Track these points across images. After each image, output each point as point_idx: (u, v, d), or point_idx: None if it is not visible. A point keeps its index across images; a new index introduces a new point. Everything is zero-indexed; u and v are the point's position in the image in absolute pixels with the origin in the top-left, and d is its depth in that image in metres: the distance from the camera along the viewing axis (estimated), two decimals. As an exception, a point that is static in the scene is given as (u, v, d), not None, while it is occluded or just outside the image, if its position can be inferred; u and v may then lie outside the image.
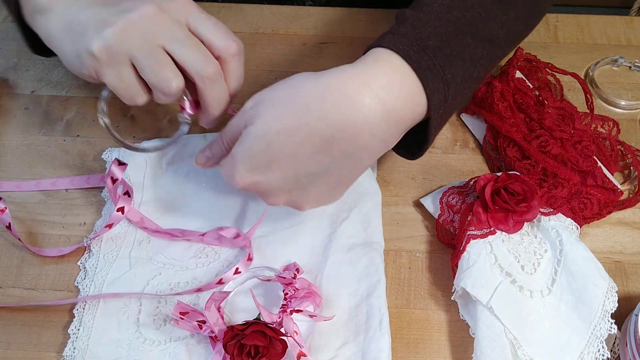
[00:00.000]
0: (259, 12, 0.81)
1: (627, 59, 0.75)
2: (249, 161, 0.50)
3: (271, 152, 0.49)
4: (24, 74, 0.75)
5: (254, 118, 0.50)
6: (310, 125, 0.48)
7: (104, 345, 0.56)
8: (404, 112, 0.50)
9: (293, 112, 0.49)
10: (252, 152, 0.50)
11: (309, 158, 0.49)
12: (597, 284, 0.55)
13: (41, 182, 0.66)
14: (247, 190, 0.52)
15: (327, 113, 0.48)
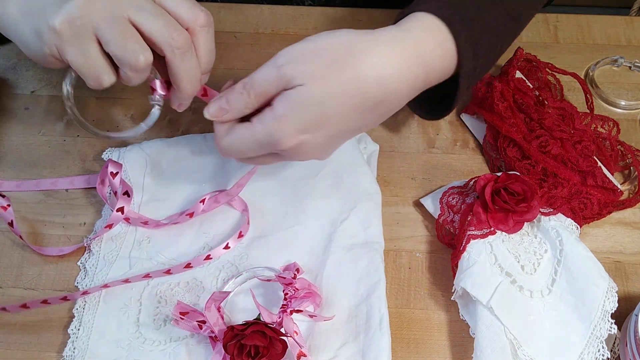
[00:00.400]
0: (259, 12, 0.81)
1: (627, 59, 0.75)
2: (301, 123, 0.48)
3: (324, 115, 0.49)
4: (24, 74, 0.75)
5: (300, 78, 0.48)
6: (368, 90, 0.49)
7: (104, 345, 0.56)
8: (437, 76, 0.54)
9: (350, 77, 0.49)
10: (305, 115, 0.48)
11: (357, 118, 0.50)
12: (597, 284, 0.55)
13: (41, 182, 0.66)
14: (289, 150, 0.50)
15: (383, 79, 0.49)
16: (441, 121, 0.71)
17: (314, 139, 0.50)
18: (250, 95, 0.50)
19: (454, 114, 0.71)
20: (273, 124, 0.49)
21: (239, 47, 0.77)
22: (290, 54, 0.50)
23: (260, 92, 0.50)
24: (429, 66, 0.52)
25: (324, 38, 0.50)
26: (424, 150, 0.69)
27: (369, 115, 0.51)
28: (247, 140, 0.50)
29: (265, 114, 0.49)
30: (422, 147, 0.69)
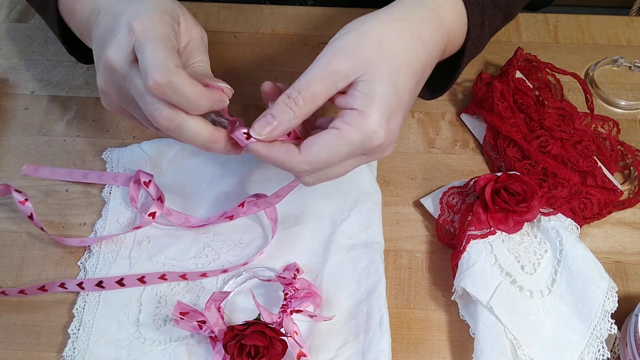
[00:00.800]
0: (259, 12, 0.81)
1: (627, 59, 0.75)
2: (386, 110, 0.47)
3: (398, 92, 0.48)
4: (24, 74, 0.75)
5: (358, 67, 0.47)
6: (418, 54, 0.50)
7: (104, 345, 0.56)
8: (456, 40, 0.56)
9: (401, 47, 0.49)
10: (385, 99, 0.47)
11: (416, 88, 0.51)
12: (597, 284, 0.55)
13: (74, 173, 0.66)
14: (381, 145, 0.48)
15: (425, 41, 0.50)
16: (441, 121, 0.71)
17: (396, 123, 0.49)
18: (297, 102, 0.47)
19: (454, 114, 0.71)
20: (364, 121, 0.47)
21: (239, 47, 0.77)
22: (332, 50, 0.48)
23: (308, 97, 0.47)
24: (450, 28, 0.54)
25: (356, 26, 0.50)
26: (424, 150, 0.69)
27: (419, 85, 0.52)
28: (337, 146, 0.47)
29: (348, 116, 0.47)
30: (422, 147, 0.69)
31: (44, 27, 0.79)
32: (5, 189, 0.63)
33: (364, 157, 0.51)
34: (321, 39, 0.78)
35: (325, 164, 0.48)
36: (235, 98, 0.73)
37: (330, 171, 0.50)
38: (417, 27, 0.50)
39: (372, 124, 0.47)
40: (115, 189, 0.65)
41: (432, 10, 0.52)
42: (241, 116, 0.71)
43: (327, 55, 0.48)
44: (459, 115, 0.71)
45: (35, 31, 0.79)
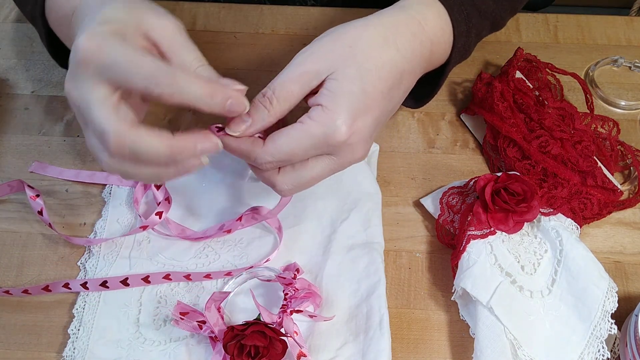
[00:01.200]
0: (259, 12, 0.81)
1: (627, 59, 0.75)
2: (351, 108, 0.47)
3: (366, 93, 0.48)
4: (24, 74, 0.75)
5: (330, 66, 0.48)
6: (392, 59, 0.50)
7: (104, 345, 0.56)
8: (440, 48, 0.56)
9: (374, 51, 0.49)
10: (352, 98, 0.48)
11: (389, 94, 0.50)
12: (597, 284, 0.55)
13: (81, 173, 0.66)
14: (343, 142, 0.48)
15: (400, 47, 0.51)
16: (441, 121, 0.71)
17: (364, 124, 0.49)
18: (272, 102, 0.48)
19: (454, 114, 0.71)
20: (326, 116, 0.47)
21: (239, 47, 0.77)
22: (306, 52, 0.49)
23: (282, 96, 0.48)
24: (433, 36, 0.54)
25: (332, 30, 0.51)
26: (424, 150, 0.69)
27: (397, 90, 0.52)
28: (299, 139, 0.47)
29: (313, 111, 0.48)
30: (422, 147, 0.69)
31: (44, 27, 0.79)
32: (18, 185, 0.64)
33: (334, 159, 0.50)
34: (321, 39, 0.78)
35: (287, 155, 0.48)
36: (235, 98, 0.73)
37: (300, 175, 0.50)
38: (391, 32, 0.51)
39: (334, 119, 0.47)
40: (116, 189, 0.66)
41: (411, 17, 0.53)
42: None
43: (301, 56, 0.49)
44: (459, 115, 0.71)
45: (35, 31, 0.79)
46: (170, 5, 0.81)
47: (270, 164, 0.49)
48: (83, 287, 0.59)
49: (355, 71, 0.48)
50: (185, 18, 0.80)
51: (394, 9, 0.54)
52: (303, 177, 0.50)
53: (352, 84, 0.48)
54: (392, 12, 0.54)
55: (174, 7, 0.81)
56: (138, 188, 0.64)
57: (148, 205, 0.64)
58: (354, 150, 0.50)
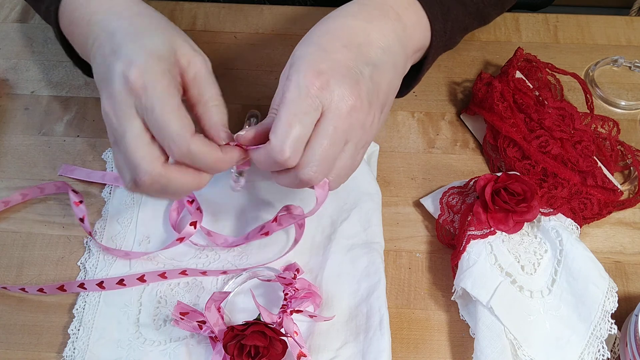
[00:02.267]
0: (259, 12, 0.81)
1: (627, 59, 0.75)
2: (312, 65, 0.49)
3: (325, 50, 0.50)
4: (24, 74, 0.75)
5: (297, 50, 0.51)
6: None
7: (104, 345, 0.56)
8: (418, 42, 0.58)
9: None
10: (308, 55, 0.49)
11: (354, 48, 0.52)
12: (597, 284, 0.55)
13: (107, 175, 0.66)
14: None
15: (387, 43, 0.53)
16: (441, 121, 0.71)
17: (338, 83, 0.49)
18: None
19: (454, 114, 0.71)
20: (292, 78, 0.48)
21: (239, 47, 0.77)
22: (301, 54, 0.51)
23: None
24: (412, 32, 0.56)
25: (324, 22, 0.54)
26: (424, 150, 0.69)
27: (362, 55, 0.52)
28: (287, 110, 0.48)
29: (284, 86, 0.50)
30: (422, 147, 0.69)
31: (44, 27, 0.79)
32: (62, 186, 0.65)
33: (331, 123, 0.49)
34: (321, 39, 0.78)
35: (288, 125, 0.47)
36: (235, 98, 0.74)
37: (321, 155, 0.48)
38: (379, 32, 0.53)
39: (298, 76, 0.48)
40: (116, 189, 0.66)
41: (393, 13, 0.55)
42: (241, 116, 0.72)
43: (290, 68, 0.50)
44: (459, 115, 0.71)
45: (35, 31, 0.79)
46: (170, 5, 0.81)
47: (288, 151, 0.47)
48: (81, 288, 0.59)
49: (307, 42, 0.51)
50: (185, 18, 0.80)
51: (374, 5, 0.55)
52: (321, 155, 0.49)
53: (308, 47, 0.51)
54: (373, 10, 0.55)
55: (174, 7, 0.81)
56: (173, 208, 0.63)
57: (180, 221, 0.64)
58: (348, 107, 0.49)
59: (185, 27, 0.79)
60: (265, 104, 0.72)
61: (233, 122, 0.70)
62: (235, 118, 0.71)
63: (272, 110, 0.50)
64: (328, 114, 0.48)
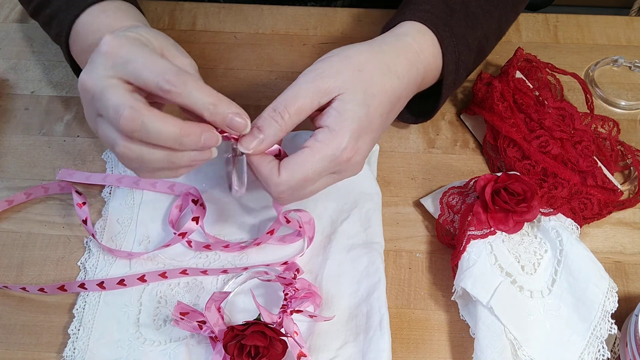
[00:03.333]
0: (259, 13, 0.81)
1: (627, 59, 0.75)
2: (356, 129, 0.50)
3: (369, 116, 0.51)
4: (24, 74, 0.75)
5: (340, 87, 0.50)
6: (393, 86, 0.53)
7: (104, 345, 0.56)
8: (429, 79, 0.60)
9: (379, 77, 0.52)
10: (356, 119, 0.50)
11: (388, 116, 0.54)
12: (597, 284, 0.55)
13: (108, 177, 0.66)
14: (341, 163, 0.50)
15: (399, 75, 0.54)
16: (441, 121, 0.71)
17: (364, 144, 0.52)
18: (284, 116, 0.49)
19: (454, 114, 0.71)
20: (333, 138, 0.50)
21: (239, 47, 0.78)
22: (315, 70, 0.51)
23: (294, 111, 0.49)
24: (427, 64, 0.57)
25: (340, 51, 0.53)
26: (424, 150, 0.69)
27: (392, 114, 0.55)
28: (313, 163, 0.49)
29: (319, 134, 0.50)
30: (422, 147, 0.69)
31: (44, 27, 0.79)
32: (66, 187, 0.65)
33: (335, 176, 0.53)
34: (321, 39, 0.78)
35: (301, 182, 0.50)
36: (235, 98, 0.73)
37: (303, 191, 0.52)
38: (393, 61, 0.54)
39: (341, 140, 0.50)
40: (115, 189, 0.66)
41: (408, 45, 0.56)
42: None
43: (312, 73, 0.51)
44: (459, 115, 0.71)
45: (35, 31, 0.79)
46: (170, 5, 0.81)
47: (285, 193, 0.51)
48: (81, 288, 0.59)
49: (362, 96, 0.51)
50: (185, 18, 0.80)
51: (392, 37, 0.57)
52: (305, 192, 0.52)
53: (359, 108, 0.50)
54: (391, 39, 0.57)
55: (174, 7, 0.81)
56: (176, 205, 0.63)
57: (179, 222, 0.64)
58: (354, 168, 0.53)
59: (185, 27, 0.79)
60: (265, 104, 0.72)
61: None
62: (235, 118, 0.71)
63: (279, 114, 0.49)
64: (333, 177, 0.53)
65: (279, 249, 0.61)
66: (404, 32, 0.57)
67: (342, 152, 0.50)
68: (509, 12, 0.67)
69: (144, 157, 0.47)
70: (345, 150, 0.50)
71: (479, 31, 0.62)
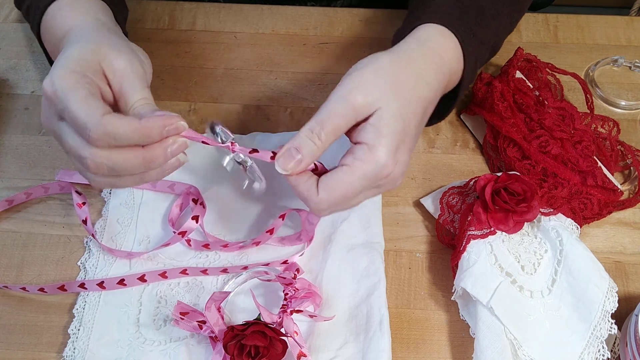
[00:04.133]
0: (259, 12, 0.81)
1: (627, 59, 0.75)
2: (394, 143, 0.49)
3: (405, 128, 0.50)
4: (24, 74, 0.75)
5: (376, 102, 0.49)
6: (423, 93, 0.53)
7: (104, 345, 0.56)
8: (453, 82, 0.58)
9: (410, 87, 0.51)
10: (395, 134, 0.49)
11: (419, 126, 0.53)
12: (597, 284, 0.55)
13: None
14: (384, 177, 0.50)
15: (429, 81, 0.53)
16: (441, 121, 0.71)
17: (403, 156, 0.51)
18: (320, 136, 0.49)
19: (454, 114, 0.71)
20: (373, 155, 0.49)
21: (239, 47, 0.78)
22: (351, 83, 0.50)
23: (330, 130, 0.49)
24: (450, 67, 0.56)
25: (370, 62, 0.52)
26: (424, 150, 0.69)
27: (423, 121, 0.54)
28: (353, 182, 0.49)
29: (358, 151, 0.49)
30: (422, 147, 0.69)
31: (44, 27, 0.79)
32: (66, 187, 0.65)
33: (375, 190, 0.52)
34: (321, 39, 0.78)
35: (341, 200, 0.49)
36: (235, 98, 0.74)
37: (343, 207, 0.51)
38: (422, 69, 0.53)
39: (380, 157, 0.49)
40: (115, 190, 0.65)
41: (433, 50, 0.55)
42: (241, 116, 0.72)
43: (345, 88, 0.50)
44: (459, 115, 0.71)
45: (35, 31, 0.79)
46: (170, 5, 0.81)
47: (325, 211, 0.50)
48: (81, 288, 0.59)
49: (397, 109, 0.50)
50: (185, 18, 0.80)
51: (416, 43, 0.56)
52: (346, 206, 0.51)
53: (396, 122, 0.50)
54: (415, 46, 0.55)
55: (174, 7, 0.81)
56: (176, 204, 0.63)
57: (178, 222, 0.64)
58: (395, 180, 0.51)
59: (185, 27, 0.79)
60: (265, 104, 0.72)
61: (233, 122, 0.71)
62: (235, 118, 0.71)
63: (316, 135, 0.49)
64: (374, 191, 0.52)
65: (279, 248, 0.61)
66: (426, 37, 0.56)
67: (382, 169, 0.49)
68: (515, 10, 0.67)
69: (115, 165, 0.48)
70: (385, 166, 0.49)
71: (492, 30, 0.62)
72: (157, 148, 0.48)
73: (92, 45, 0.51)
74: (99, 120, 0.46)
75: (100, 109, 0.47)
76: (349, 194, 0.49)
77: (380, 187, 0.52)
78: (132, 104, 0.50)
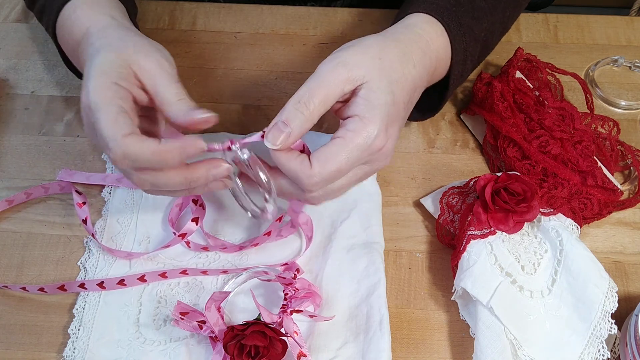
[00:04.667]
0: (259, 12, 0.81)
1: (627, 59, 0.75)
2: (386, 115, 0.49)
3: (395, 103, 0.50)
4: (24, 74, 0.75)
5: (364, 75, 0.49)
6: (411, 73, 0.53)
7: (104, 345, 0.56)
8: (440, 70, 0.59)
9: (398, 65, 0.52)
10: (385, 105, 0.49)
11: (407, 106, 0.53)
12: (597, 284, 0.55)
13: (108, 177, 0.66)
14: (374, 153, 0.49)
15: (415, 63, 0.53)
16: (441, 121, 0.71)
17: (394, 131, 0.51)
18: (309, 105, 0.48)
19: (454, 114, 0.71)
20: (365, 126, 0.48)
21: (239, 47, 0.77)
22: (340, 57, 0.50)
23: (319, 100, 0.48)
24: (437, 54, 0.57)
25: (357, 41, 0.53)
26: (424, 150, 0.69)
27: (410, 104, 0.54)
28: (346, 152, 0.48)
29: (350, 123, 0.49)
30: (422, 147, 0.69)
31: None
32: (66, 186, 0.65)
33: (367, 167, 0.51)
34: (321, 39, 0.78)
35: (335, 173, 0.49)
36: (235, 98, 0.74)
37: (335, 185, 0.51)
38: (408, 49, 0.54)
39: (373, 128, 0.49)
40: (116, 189, 0.66)
41: (419, 35, 0.56)
42: (241, 116, 0.72)
43: (334, 62, 0.50)
44: (459, 115, 0.71)
45: (35, 31, 0.79)
46: (170, 5, 0.81)
47: (318, 186, 0.49)
48: (81, 288, 0.59)
49: (387, 83, 0.50)
50: (185, 18, 0.80)
51: (402, 27, 0.56)
52: (337, 186, 0.51)
53: (386, 96, 0.50)
54: (401, 29, 0.56)
55: (174, 7, 0.81)
56: (176, 203, 0.63)
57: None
58: (385, 157, 0.51)
59: (185, 27, 0.79)
60: (265, 104, 0.72)
61: (233, 122, 0.71)
62: (235, 118, 0.71)
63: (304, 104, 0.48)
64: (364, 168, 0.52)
65: (279, 249, 0.61)
66: (412, 24, 0.57)
67: (375, 140, 0.48)
68: (512, 7, 0.67)
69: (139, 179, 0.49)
70: (378, 138, 0.48)
71: (485, 23, 0.62)
72: (200, 169, 0.49)
73: (118, 49, 0.51)
74: (119, 142, 0.47)
75: (124, 129, 0.47)
76: (343, 167, 0.48)
77: (372, 164, 0.51)
78: (168, 103, 0.50)
